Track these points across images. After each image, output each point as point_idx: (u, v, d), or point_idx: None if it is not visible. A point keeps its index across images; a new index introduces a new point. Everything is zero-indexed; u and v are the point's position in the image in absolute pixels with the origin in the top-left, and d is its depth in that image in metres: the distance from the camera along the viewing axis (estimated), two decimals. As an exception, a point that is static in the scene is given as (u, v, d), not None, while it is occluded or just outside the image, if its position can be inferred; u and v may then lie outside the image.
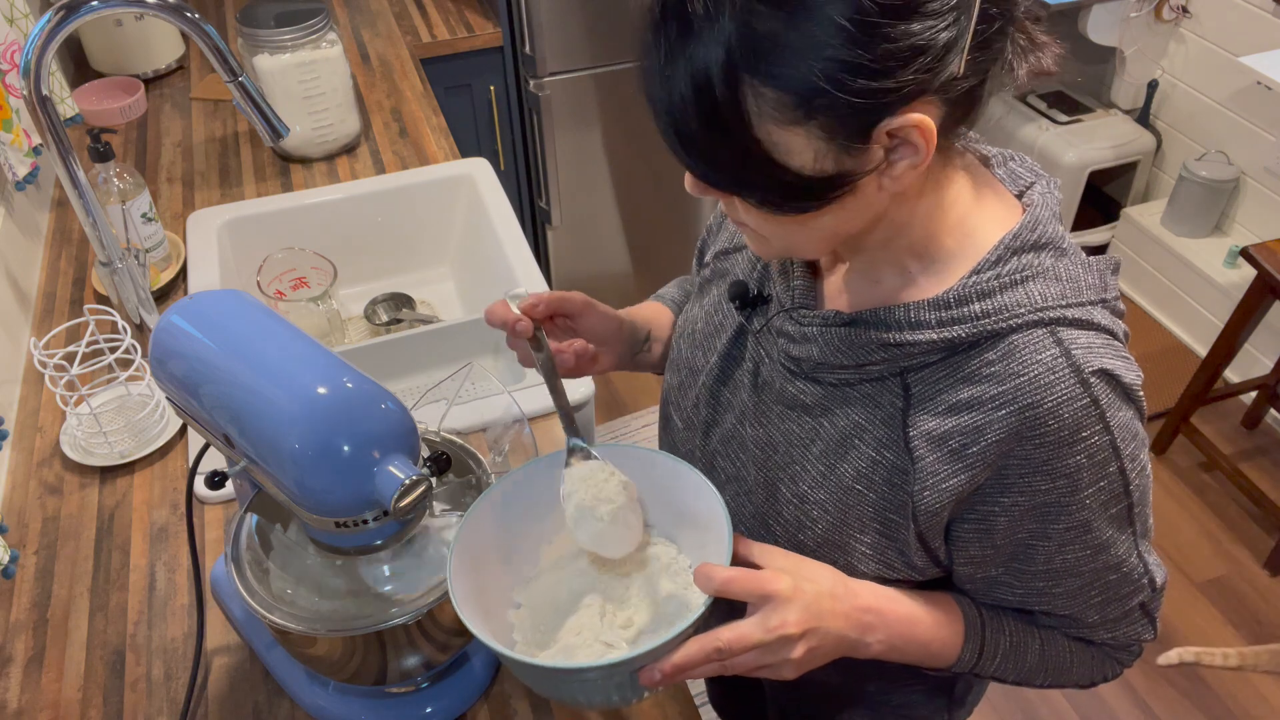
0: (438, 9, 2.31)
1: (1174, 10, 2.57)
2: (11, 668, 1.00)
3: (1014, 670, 0.80)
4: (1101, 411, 0.67)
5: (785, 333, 0.77)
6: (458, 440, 0.90)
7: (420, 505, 0.74)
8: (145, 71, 1.98)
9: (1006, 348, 0.67)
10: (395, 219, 1.66)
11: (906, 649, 0.76)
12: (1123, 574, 0.74)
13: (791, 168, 0.61)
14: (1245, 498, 2.37)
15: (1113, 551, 0.73)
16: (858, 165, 0.61)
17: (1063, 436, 0.66)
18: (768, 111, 0.58)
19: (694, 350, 0.89)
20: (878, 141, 0.60)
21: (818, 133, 0.59)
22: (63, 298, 1.46)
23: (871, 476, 0.74)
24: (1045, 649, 0.80)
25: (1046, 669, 0.81)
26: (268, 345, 0.75)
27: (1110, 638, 0.80)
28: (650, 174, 2.56)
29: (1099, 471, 0.68)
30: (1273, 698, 2.02)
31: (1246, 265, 2.30)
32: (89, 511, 1.15)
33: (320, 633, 0.78)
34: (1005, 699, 2.02)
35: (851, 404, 0.74)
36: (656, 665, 0.68)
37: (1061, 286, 0.68)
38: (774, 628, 0.69)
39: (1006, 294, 0.67)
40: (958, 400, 0.69)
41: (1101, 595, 0.75)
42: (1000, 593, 0.77)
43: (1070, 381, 0.66)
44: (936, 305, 0.68)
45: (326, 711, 0.93)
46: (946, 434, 0.69)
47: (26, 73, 1.10)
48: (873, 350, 0.71)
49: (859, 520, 0.75)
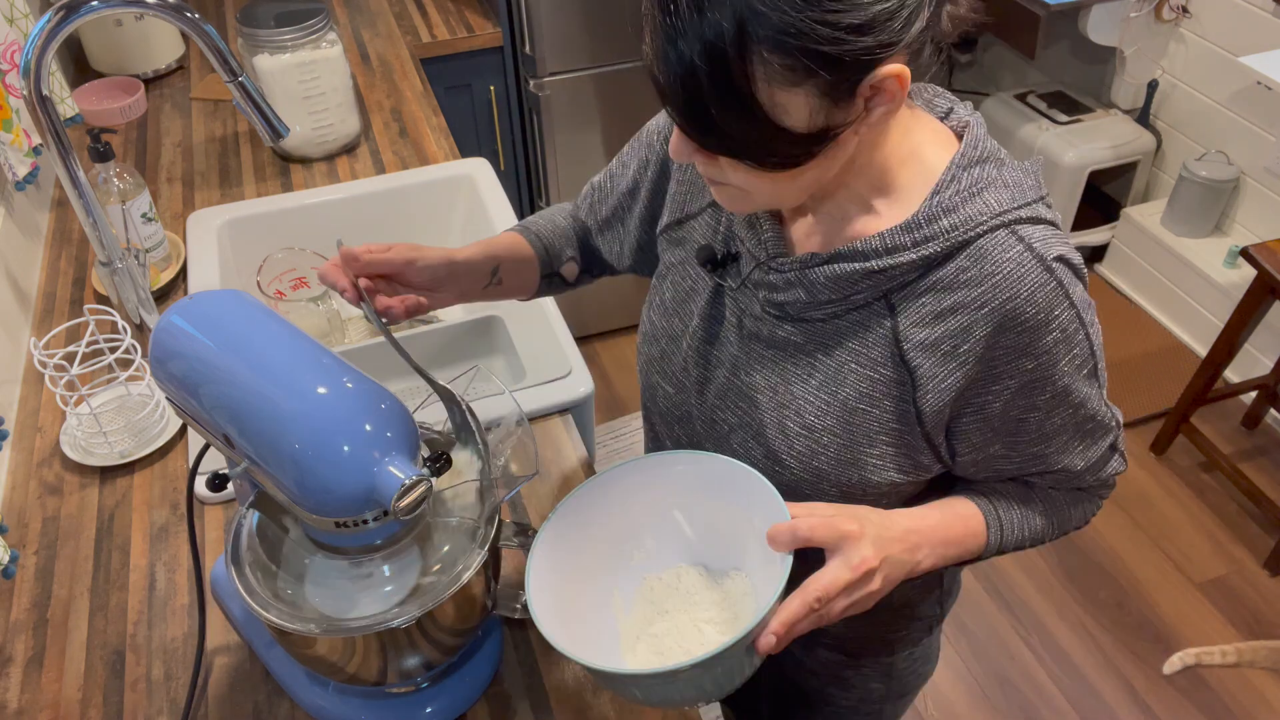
0: (438, 9, 2.31)
1: (1174, 10, 2.57)
2: (11, 668, 1.00)
3: (1030, 535, 0.89)
4: (1066, 291, 0.75)
5: (767, 283, 0.83)
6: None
7: (420, 505, 0.74)
8: (145, 71, 1.98)
9: (976, 253, 0.75)
10: (395, 219, 1.66)
11: (948, 553, 0.84)
12: (1096, 421, 0.84)
13: (788, 127, 0.66)
14: (1245, 498, 2.37)
15: (1088, 406, 0.82)
16: (844, 118, 0.67)
17: (1039, 319, 0.74)
18: (774, 76, 0.64)
19: (667, 318, 0.94)
20: (861, 95, 0.66)
21: (814, 92, 0.65)
22: (63, 298, 1.46)
23: (872, 394, 0.80)
24: (1046, 507, 0.89)
25: (1051, 523, 0.90)
26: (268, 345, 0.75)
27: (1094, 480, 0.89)
28: (650, 174, 2.56)
29: (1070, 342, 0.77)
30: (1273, 698, 2.02)
31: (1246, 265, 2.30)
32: (89, 511, 1.15)
33: (320, 633, 0.78)
34: (1005, 699, 2.02)
35: (842, 334, 0.81)
36: (769, 630, 0.72)
37: (1010, 192, 0.76)
38: (858, 565, 0.74)
39: (967, 206, 0.75)
40: (942, 308, 0.76)
41: (1082, 444, 0.84)
42: (1000, 464, 0.85)
43: (1037, 270, 0.74)
44: (908, 228, 0.75)
45: (326, 711, 0.93)
46: (938, 340, 0.76)
47: (26, 73, 1.10)
48: (857, 280, 0.77)
49: (866, 435, 0.82)
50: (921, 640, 1.10)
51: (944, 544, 0.83)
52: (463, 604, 0.82)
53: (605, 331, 2.88)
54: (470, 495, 0.88)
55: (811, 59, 0.63)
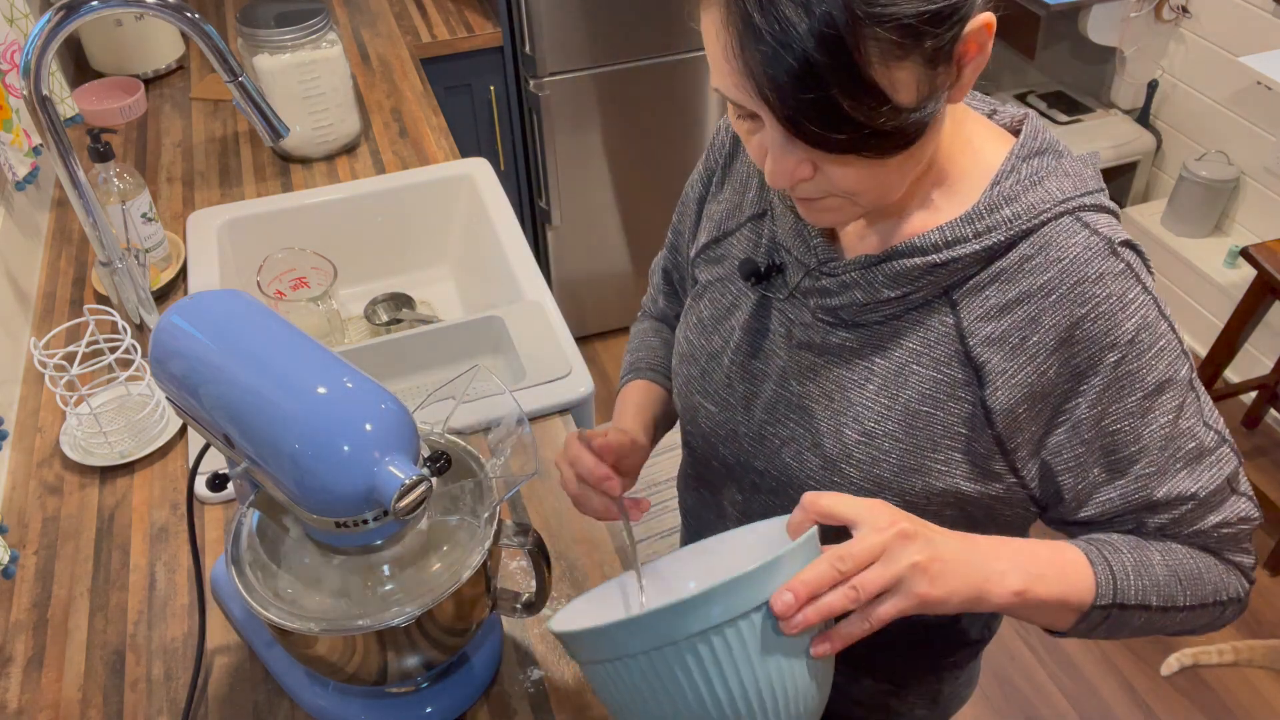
0: (438, 9, 2.31)
1: (1174, 10, 2.57)
2: (11, 668, 1.00)
3: (1153, 589, 0.77)
4: (1136, 275, 0.72)
5: (819, 289, 0.80)
6: (460, 442, 0.90)
7: (420, 505, 0.74)
8: (145, 71, 1.98)
9: (1041, 240, 0.73)
10: (395, 219, 1.66)
11: (1044, 574, 0.72)
12: (1199, 440, 0.76)
13: (901, 104, 0.64)
14: (1245, 498, 2.37)
15: (1186, 415, 0.75)
16: (944, 82, 0.65)
17: (1113, 304, 0.71)
18: (888, 52, 0.62)
19: (706, 337, 0.91)
20: (956, 56, 0.64)
21: (920, 61, 0.63)
22: (63, 298, 1.46)
23: (935, 395, 0.77)
24: (1166, 558, 0.78)
25: (1179, 579, 0.78)
26: (268, 345, 0.75)
27: (1217, 522, 0.78)
28: (650, 174, 2.56)
29: (1153, 331, 0.72)
30: (1273, 698, 2.02)
31: (1246, 265, 2.30)
32: (89, 511, 1.15)
33: (320, 632, 0.78)
34: (1005, 699, 2.02)
35: (901, 335, 0.78)
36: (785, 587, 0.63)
37: (1072, 180, 0.74)
38: (885, 526, 0.66)
39: (1029, 195, 0.73)
40: (1007, 299, 0.73)
41: (1187, 465, 0.76)
42: (1102, 498, 0.77)
43: (1105, 253, 0.71)
44: (969, 219, 0.73)
45: (326, 711, 0.93)
46: (1005, 333, 0.74)
47: (26, 73, 1.10)
48: (918, 276, 0.75)
49: (930, 439, 0.78)
50: (968, 664, 1.05)
51: (1030, 559, 0.72)
52: (463, 604, 0.82)
53: (605, 331, 2.88)
54: (470, 495, 0.88)
55: (917, 29, 0.61)
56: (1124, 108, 2.84)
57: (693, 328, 0.93)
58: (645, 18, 2.28)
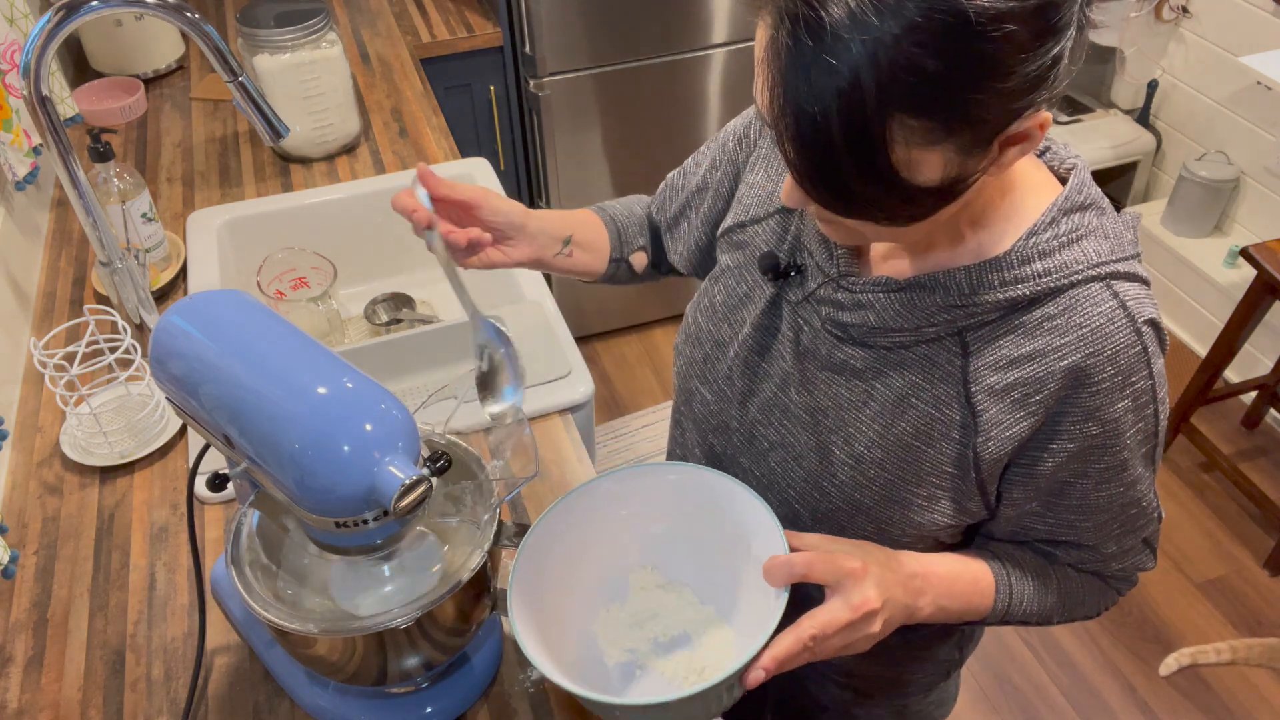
0: (438, 9, 2.31)
1: (1174, 10, 2.57)
2: (11, 668, 1.00)
3: (1037, 612, 0.85)
4: (1149, 359, 0.72)
5: (833, 301, 0.79)
6: (461, 443, 0.90)
7: (420, 505, 0.74)
8: (145, 71, 1.98)
9: (1067, 302, 0.71)
10: (395, 219, 1.65)
11: (950, 606, 0.80)
12: (1141, 508, 0.80)
13: (921, 184, 0.61)
14: (1245, 498, 2.37)
15: (1139, 488, 0.78)
16: (979, 166, 0.63)
17: (1116, 382, 0.71)
18: (913, 140, 0.58)
19: (716, 323, 0.91)
20: (998, 143, 0.61)
21: (952, 150, 0.60)
22: (63, 298, 1.46)
23: (930, 432, 0.76)
24: (1061, 586, 0.84)
25: (1063, 605, 0.85)
26: (268, 345, 0.75)
27: (1120, 569, 0.85)
28: (650, 174, 2.56)
29: (1140, 414, 0.73)
30: (1273, 697, 2.02)
31: (1246, 265, 2.30)
32: (89, 511, 1.15)
33: (319, 633, 0.78)
34: (1005, 699, 2.02)
35: (906, 365, 0.77)
36: (758, 665, 0.70)
37: (1110, 243, 0.73)
38: (858, 605, 0.71)
39: (1064, 252, 0.71)
40: (1019, 354, 0.72)
41: (1121, 528, 0.80)
42: (1030, 523, 0.81)
43: (1127, 330, 0.70)
44: (999, 266, 0.71)
45: (326, 711, 0.93)
46: (1010, 386, 0.73)
47: (26, 73, 1.10)
48: (935, 313, 0.74)
49: (916, 475, 0.78)
50: (937, 685, 1.06)
51: (948, 596, 0.79)
52: (463, 604, 0.82)
53: (605, 331, 2.88)
54: (470, 496, 0.88)
55: (952, 124, 0.58)
56: (1124, 108, 2.84)
57: (704, 310, 0.92)
58: (645, 18, 2.28)
